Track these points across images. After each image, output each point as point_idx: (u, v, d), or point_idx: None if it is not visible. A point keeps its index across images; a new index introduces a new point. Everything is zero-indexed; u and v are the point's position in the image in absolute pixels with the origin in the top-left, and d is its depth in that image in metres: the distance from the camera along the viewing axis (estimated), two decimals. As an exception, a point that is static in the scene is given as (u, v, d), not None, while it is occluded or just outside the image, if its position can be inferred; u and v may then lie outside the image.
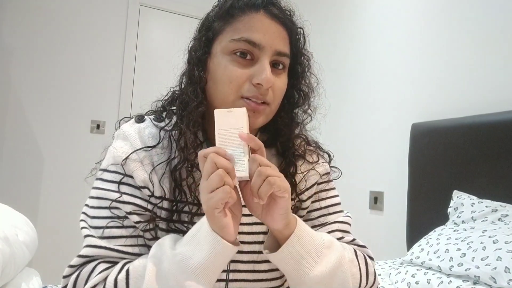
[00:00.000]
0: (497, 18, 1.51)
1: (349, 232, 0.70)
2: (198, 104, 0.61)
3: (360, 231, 1.99)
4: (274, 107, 0.64)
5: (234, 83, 0.59)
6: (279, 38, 0.62)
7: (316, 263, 0.56)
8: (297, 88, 0.69)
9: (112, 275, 0.54)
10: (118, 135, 0.64)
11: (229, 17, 0.62)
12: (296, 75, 0.69)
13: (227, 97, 0.60)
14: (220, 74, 0.61)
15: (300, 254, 0.56)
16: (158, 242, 0.56)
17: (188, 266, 0.51)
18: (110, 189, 0.60)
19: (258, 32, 0.60)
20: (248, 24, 0.61)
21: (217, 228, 0.51)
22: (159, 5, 2.88)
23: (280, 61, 0.63)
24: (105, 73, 2.69)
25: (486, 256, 1.01)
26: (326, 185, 0.73)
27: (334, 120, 2.33)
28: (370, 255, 0.69)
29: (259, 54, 0.60)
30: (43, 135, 2.50)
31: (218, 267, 0.53)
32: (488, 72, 1.53)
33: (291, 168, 0.68)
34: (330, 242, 0.60)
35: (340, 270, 0.58)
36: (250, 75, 0.60)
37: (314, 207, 0.71)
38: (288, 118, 0.69)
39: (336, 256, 0.59)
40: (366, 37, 2.16)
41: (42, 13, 2.53)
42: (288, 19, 0.65)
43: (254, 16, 0.61)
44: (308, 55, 0.70)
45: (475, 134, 1.46)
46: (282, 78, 0.64)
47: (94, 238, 0.57)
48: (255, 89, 0.59)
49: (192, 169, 0.61)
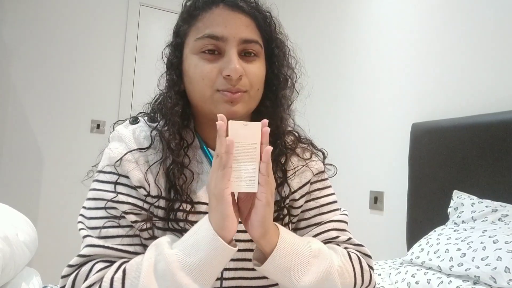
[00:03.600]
0: (497, 18, 1.51)
1: (345, 231, 0.70)
2: (173, 105, 0.64)
3: (360, 231, 2.00)
4: (254, 93, 0.64)
5: (206, 79, 0.61)
6: (243, 26, 0.63)
7: (303, 274, 0.57)
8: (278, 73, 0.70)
9: (109, 274, 0.54)
10: (113, 137, 0.66)
11: (191, 19, 0.65)
12: (274, 61, 0.69)
13: (204, 93, 0.62)
14: (192, 73, 0.63)
15: (286, 266, 0.57)
16: (155, 242, 0.56)
17: (185, 265, 0.52)
18: (106, 190, 0.60)
19: (219, 25, 0.61)
20: (209, 20, 0.62)
21: (220, 216, 0.52)
22: (159, 5, 2.88)
23: (249, 48, 0.63)
24: (105, 73, 2.69)
25: (486, 256, 1.01)
26: (320, 184, 0.73)
27: (334, 120, 2.33)
28: (366, 253, 0.68)
29: (224, 46, 0.61)
30: (43, 135, 2.50)
31: (215, 267, 0.53)
32: (488, 72, 1.53)
33: (282, 158, 0.69)
34: (318, 250, 0.60)
35: (329, 278, 0.59)
36: (220, 69, 0.61)
37: (308, 206, 0.71)
38: (273, 106, 0.69)
39: (325, 264, 0.59)
40: (366, 37, 2.16)
41: (42, 13, 2.53)
42: (251, 6, 0.65)
43: (214, 11, 0.63)
44: (282, 38, 0.71)
45: (475, 134, 1.46)
46: (256, 64, 0.64)
47: (92, 238, 0.58)
48: (227, 82, 0.61)
49: (182, 169, 0.62)
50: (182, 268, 0.51)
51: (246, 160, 0.54)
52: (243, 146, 0.54)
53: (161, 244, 0.55)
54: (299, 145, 0.73)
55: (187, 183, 0.62)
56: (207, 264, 0.52)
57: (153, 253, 0.54)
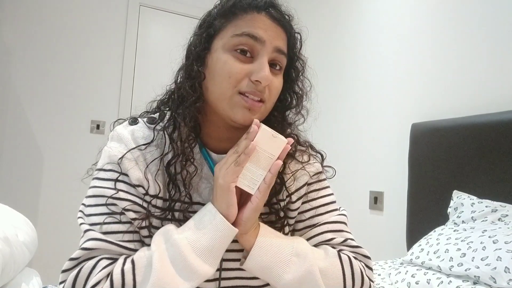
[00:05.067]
0: (497, 18, 1.51)
1: (342, 231, 0.69)
2: (196, 99, 0.63)
3: (360, 231, 2.00)
4: (269, 105, 0.65)
5: (233, 78, 0.60)
6: (279, 37, 0.64)
7: (285, 272, 0.60)
8: (291, 90, 0.71)
9: (118, 267, 0.55)
10: (113, 136, 0.66)
11: (231, 15, 0.64)
12: (290, 78, 0.70)
13: (225, 92, 0.61)
14: (219, 69, 0.62)
15: (266, 264, 0.60)
16: (160, 231, 0.59)
17: (195, 248, 0.55)
18: (106, 187, 0.61)
19: (260, 28, 0.62)
20: (250, 21, 0.62)
21: (225, 204, 0.57)
22: (159, 5, 2.88)
23: (278, 60, 0.64)
24: (105, 73, 2.69)
25: (486, 256, 1.01)
26: (317, 185, 0.73)
27: (334, 120, 2.34)
28: (364, 254, 0.68)
29: (259, 50, 0.61)
30: (43, 135, 2.50)
31: (221, 248, 0.58)
32: (488, 72, 1.53)
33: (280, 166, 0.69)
34: (300, 249, 0.62)
35: (309, 278, 0.60)
36: (249, 72, 0.61)
37: (304, 208, 0.71)
38: (280, 118, 0.70)
39: (306, 264, 0.60)
40: (366, 37, 2.16)
41: (42, 13, 2.53)
42: (287, 22, 0.67)
43: (256, 15, 0.63)
44: (304, 60, 0.72)
45: (475, 134, 1.46)
46: (279, 78, 0.65)
47: (95, 232, 0.58)
48: (253, 86, 0.60)
49: (186, 163, 0.63)
50: (193, 251, 0.55)
51: (259, 165, 0.59)
52: (263, 153, 0.58)
53: (169, 231, 0.57)
54: (298, 148, 0.73)
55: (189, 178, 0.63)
56: (215, 245, 0.57)
57: (162, 240, 0.56)
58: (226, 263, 0.65)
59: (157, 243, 0.56)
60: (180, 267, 0.54)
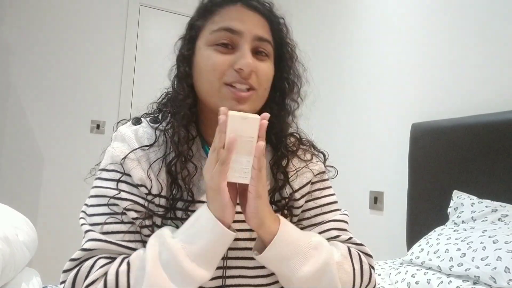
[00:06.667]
0: (497, 18, 1.51)
1: (346, 230, 0.70)
2: (184, 97, 0.65)
3: (360, 231, 1.99)
4: (261, 92, 0.65)
5: (217, 70, 0.62)
6: (258, 25, 0.65)
7: (303, 264, 0.58)
8: (286, 78, 0.71)
9: (113, 268, 0.55)
10: (116, 136, 0.66)
11: (208, 13, 0.66)
12: (283, 65, 0.71)
13: (212, 85, 0.62)
14: (204, 64, 0.63)
15: (285, 255, 0.58)
16: (155, 234, 0.58)
17: (190, 252, 0.54)
18: (108, 187, 0.61)
19: (236, 20, 0.63)
20: (226, 15, 0.64)
21: (219, 206, 0.55)
22: (159, 5, 2.88)
23: (262, 47, 0.65)
24: (105, 73, 2.69)
25: (486, 256, 1.01)
26: (320, 184, 0.73)
27: (334, 120, 2.34)
28: (367, 252, 0.68)
29: (239, 41, 0.62)
30: (43, 135, 2.50)
31: (218, 252, 0.56)
32: (488, 72, 1.53)
33: (283, 161, 0.70)
34: (318, 242, 0.61)
35: (328, 270, 0.59)
36: (232, 62, 0.62)
37: (309, 206, 0.71)
38: (278, 109, 0.70)
39: (324, 256, 0.59)
40: (366, 37, 2.16)
41: (42, 13, 2.53)
42: (267, 9, 0.68)
43: (231, 8, 0.65)
44: (293, 44, 0.72)
45: (475, 134, 1.46)
46: (267, 64, 0.65)
47: (95, 233, 0.58)
48: (238, 75, 0.61)
49: (186, 162, 0.63)
50: (187, 255, 0.54)
51: (242, 152, 0.55)
52: (241, 138, 0.54)
53: (163, 234, 0.56)
54: (300, 147, 0.74)
55: (190, 177, 0.63)
56: (210, 250, 0.55)
57: (156, 243, 0.56)
58: (230, 261, 0.65)
59: (151, 246, 0.55)
60: (174, 271, 0.53)
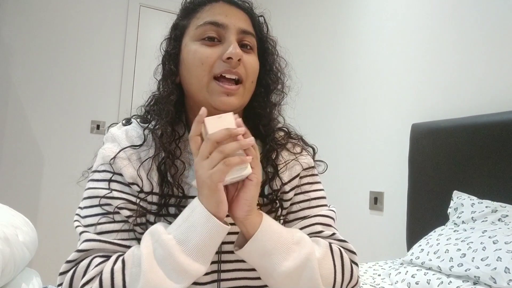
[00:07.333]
0: (497, 18, 1.51)
1: (331, 226, 0.70)
2: (169, 94, 0.66)
3: (360, 232, 2.00)
4: (248, 85, 0.66)
5: (206, 64, 0.63)
6: (242, 19, 0.67)
7: (284, 259, 0.58)
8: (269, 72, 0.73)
9: (108, 266, 0.55)
10: (107, 138, 0.68)
11: (192, 12, 0.69)
12: (265, 61, 0.73)
13: (201, 79, 0.63)
14: (191, 59, 0.64)
15: (267, 250, 0.58)
16: (149, 231, 0.58)
17: (185, 248, 0.54)
18: (100, 187, 0.62)
19: (220, 14, 0.65)
20: (210, 11, 0.66)
21: (214, 203, 0.55)
22: (159, 5, 2.89)
23: (246, 40, 0.66)
24: (105, 73, 2.69)
25: (486, 257, 1.01)
26: (309, 179, 0.74)
27: (334, 120, 2.34)
28: (350, 249, 0.68)
29: (224, 34, 0.64)
30: (43, 135, 2.50)
31: (212, 246, 0.56)
32: (488, 72, 1.53)
33: (273, 154, 0.70)
34: (300, 238, 0.62)
35: (309, 265, 0.59)
36: (220, 53, 0.63)
37: (297, 199, 0.72)
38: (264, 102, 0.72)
39: (305, 252, 0.60)
40: (366, 37, 2.16)
41: (42, 13, 2.53)
42: (247, 6, 0.70)
43: (214, 4, 0.67)
44: (274, 40, 0.75)
45: (475, 134, 1.46)
46: (252, 57, 0.67)
47: (89, 233, 0.59)
48: (226, 65, 0.62)
49: (173, 160, 0.64)
50: (182, 251, 0.54)
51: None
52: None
53: (157, 231, 0.56)
54: (289, 140, 0.75)
55: (178, 174, 0.64)
56: (204, 244, 0.55)
57: (150, 241, 0.56)
58: (225, 255, 0.65)
59: (145, 243, 0.56)
60: (170, 268, 0.53)
